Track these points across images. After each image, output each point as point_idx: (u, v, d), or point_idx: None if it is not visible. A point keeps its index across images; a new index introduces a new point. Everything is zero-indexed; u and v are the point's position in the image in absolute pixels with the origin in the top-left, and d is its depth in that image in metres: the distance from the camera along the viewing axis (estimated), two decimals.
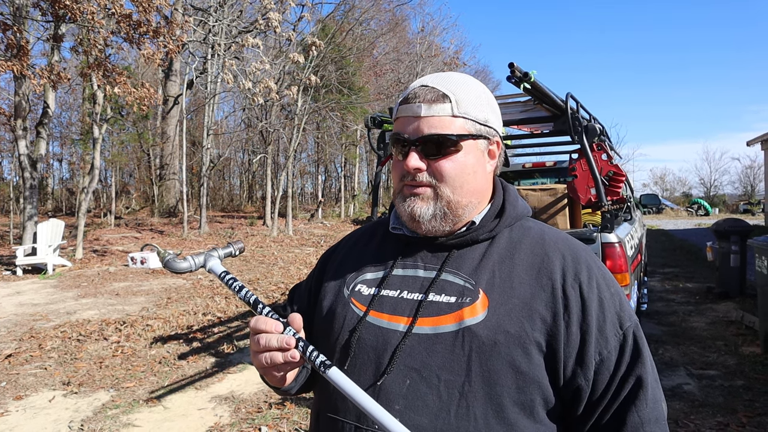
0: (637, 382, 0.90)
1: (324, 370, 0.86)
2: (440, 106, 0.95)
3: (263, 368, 0.93)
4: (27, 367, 5.07)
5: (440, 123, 0.95)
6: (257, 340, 0.90)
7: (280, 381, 0.98)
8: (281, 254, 13.71)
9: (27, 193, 12.39)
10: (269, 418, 3.82)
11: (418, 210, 0.97)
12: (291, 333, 0.90)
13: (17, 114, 12.29)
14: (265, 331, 0.90)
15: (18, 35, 10.18)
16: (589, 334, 0.91)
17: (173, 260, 1.04)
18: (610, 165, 3.91)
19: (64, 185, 31.12)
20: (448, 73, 1.02)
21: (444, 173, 0.96)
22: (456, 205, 0.98)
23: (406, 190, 0.99)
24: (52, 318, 7.05)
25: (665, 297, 7.60)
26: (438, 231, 1.00)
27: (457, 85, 0.98)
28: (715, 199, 48.89)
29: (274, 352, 0.89)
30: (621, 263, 3.60)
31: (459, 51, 32.98)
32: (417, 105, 0.96)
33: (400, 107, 0.99)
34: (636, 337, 0.93)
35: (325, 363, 0.86)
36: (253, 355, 0.94)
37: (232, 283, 0.99)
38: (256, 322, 0.91)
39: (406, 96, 0.99)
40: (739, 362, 4.70)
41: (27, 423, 3.87)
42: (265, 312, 0.94)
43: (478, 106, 0.98)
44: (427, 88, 0.97)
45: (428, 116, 0.95)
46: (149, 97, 11.58)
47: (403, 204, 0.99)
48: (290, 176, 21.27)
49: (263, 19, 14.21)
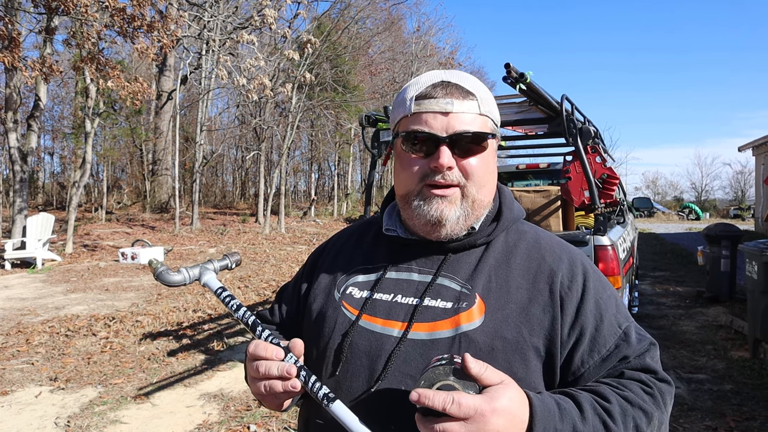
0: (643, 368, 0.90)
1: (327, 404, 0.82)
2: (470, 103, 0.93)
3: (260, 395, 0.90)
4: (13, 362, 5.01)
5: (471, 120, 0.93)
6: (256, 367, 0.87)
7: (277, 407, 0.94)
8: (273, 252, 13.66)
9: (17, 187, 12.27)
10: (258, 416, 3.79)
11: (446, 213, 0.93)
12: (292, 360, 0.86)
13: (8, 106, 12.18)
14: (265, 357, 0.87)
15: (10, 27, 10.07)
16: (586, 336, 0.90)
17: (166, 272, 1.00)
18: (603, 168, 3.91)
19: (55, 179, 30.83)
20: (454, 70, 0.99)
21: (473, 171, 0.93)
22: (479, 205, 0.96)
23: (430, 192, 0.93)
24: (41, 313, 6.99)
25: (655, 300, 7.63)
26: (456, 234, 0.96)
27: (476, 84, 0.96)
28: (706, 203, 49.31)
29: (273, 381, 0.86)
30: (613, 266, 3.60)
31: (454, 51, 33.08)
32: (446, 101, 0.92)
33: (419, 102, 0.93)
34: (637, 330, 0.94)
35: (328, 396, 0.82)
36: (251, 381, 0.90)
37: (229, 301, 0.95)
38: (256, 348, 0.88)
39: (424, 92, 0.94)
40: (728, 366, 4.72)
41: (12, 419, 3.82)
42: (265, 335, 0.90)
43: (493, 105, 0.98)
44: (452, 84, 0.94)
45: (460, 112, 0.92)
46: (142, 91, 11.48)
47: (427, 207, 0.94)
48: (283, 174, 21.23)
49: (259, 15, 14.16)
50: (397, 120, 0.98)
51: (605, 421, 0.80)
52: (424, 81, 0.95)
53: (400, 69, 28.05)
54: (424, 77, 0.97)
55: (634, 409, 0.83)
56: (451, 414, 0.71)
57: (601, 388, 0.85)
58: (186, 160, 26.05)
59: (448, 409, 0.71)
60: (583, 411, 0.81)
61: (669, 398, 0.89)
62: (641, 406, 0.83)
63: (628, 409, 0.82)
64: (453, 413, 0.71)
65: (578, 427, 0.79)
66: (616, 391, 0.85)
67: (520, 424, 0.75)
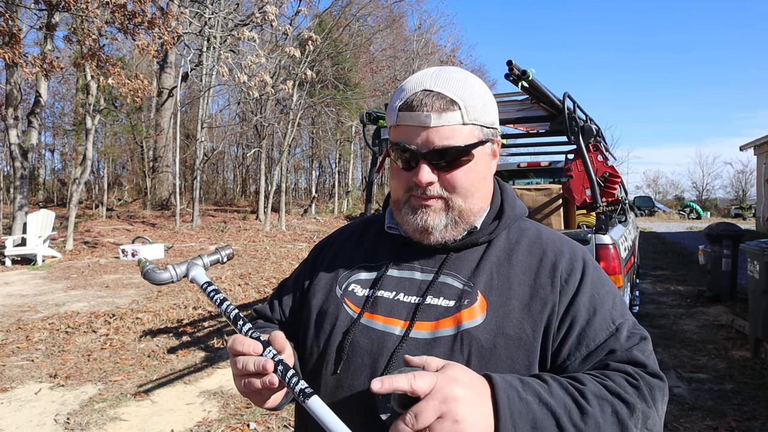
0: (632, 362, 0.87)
1: (303, 400, 0.78)
2: (450, 114, 0.88)
3: (244, 392, 0.88)
4: (13, 359, 5.01)
5: (452, 133, 0.89)
6: (235, 363, 0.85)
7: (264, 403, 0.92)
8: (273, 249, 13.66)
9: (17, 183, 12.27)
10: (258, 414, 3.79)
11: (431, 222, 0.93)
12: (271, 354, 0.83)
13: (8, 103, 12.17)
14: (242, 353, 0.84)
15: (10, 23, 10.06)
16: (576, 329, 0.88)
17: (153, 271, 0.98)
18: (605, 166, 3.90)
19: (56, 176, 30.82)
20: (446, 69, 0.95)
21: (457, 185, 0.92)
22: (468, 213, 0.95)
23: (415, 202, 0.94)
24: (41, 309, 6.99)
25: (656, 300, 7.62)
26: (448, 239, 0.96)
27: (462, 89, 0.91)
28: (707, 202, 49.21)
29: (251, 377, 0.83)
30: (615, 265, 3.59)
31: (456, 49, 33.02)
32: (425, 114, 0.88)
33: (402, 114, 0.91)
34: (630, 328, 0.91)
35: (304, 392, 0.79)
36: (234, 378, 0.88)
37: (213, 295, 0.94)
38: (233, 342, 0.85)
39: (407, 101, 0.91)
40: (728, 366, 4.71)
41: (12, 416, 3.82)
42: (245, 330, 0.88)
43: (484, 109, 0.93)
44: (433, 93, 0.89)
45: (438, 126, 0.88)
46: (143, 88, 11.48)
47: (413, 216, 0.94)
48: (284, 171, 21.22)
49: (260, 12, 14.14)
50: (389, 126, 0.97)
51: (576, 398, 0.78)
52: (410, 87, 0.92)
53: (402, 67, 28.00)
54: (412, 81, 0.94)
55: (613, 396, 0.79)
56: (416, 389, 0.70)
57: (579, 375, 0.83)
58: (187, 157, 26.02)
59: (414, 383, 0.70)
60: (549, 384, 0.79)
61: (659, 393, 0.84)
62: (621, 396, 0.79)
63: (606, 395, 0.79)
64: (417, 387, 0.70)
65: (544, 397, 0.77)
66: (595, 378, 0.82)
67: (482, 389, 0.75)
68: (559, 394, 0.78)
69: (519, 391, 0.76)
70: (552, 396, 0.77)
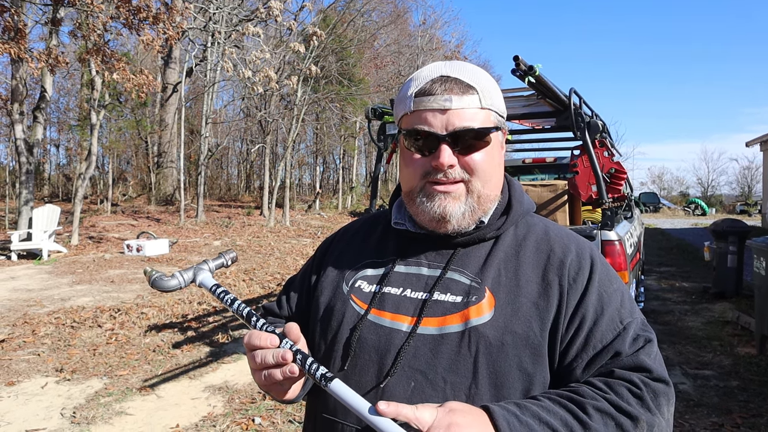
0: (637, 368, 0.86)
1: (325, 384, 0.80)
2: (470, 98, 0.91)
3: (264, 386, 0.89)
4: (20, 353, 5.04)
5: (472, 115, 0.90)
6: (253, 357, 0.86)
7: (285, 395, 0.93)
8: (278, 245, 13.67)
9: (23, 178, 12.32)
10: (263, 409, 3.80)
11: (450, 209, 0.92)
12: (288, 345, 0.85)
13: (14, 98, 12.20)
14: (260, 347, 0.85)
15: (16, 18, 10.06)
16: (584, 329, 0.88)
17: (161, 279, 0.99)
18: (611, 162, 3.88)
19: (61, 171, 30.96)
20: (456, 62, 0.97)
21: (477, 167, 0.92)
22: (485, 199, 0.95)
23: (432, 188, 0.93)
24: (47, 304, 7.02)
25: (661, 296, 7.60)
26: (463, 228, 0.95)
27: (477, 76, 0.93)
28: (713, 199, 49.00)
29: (272, 369, 0.85)
30: (620, 261, 3.58)
31: (460, 45, 32.86)
32: (445, 97, 0.90)
33: (419, 99, 0.92)
34: (638, 328, 0.90)
35: (326, 376, 0.81)
36: (252, 373, 0.89)
37: (223, 296, 0.95)
38: (250, 338, 0.87)
39: (423, 88, 0.92)
40: (734, 363, 4.69)
41: (18, 409, 3.84)
42: (260, 325, 0.89)
43: (498, 96, 0.95)
44: (451, 79, 0.91)
45: (459, 108, 0.90)
46: (148, 84, 11.48)
47: (429, 204, 0.93)
48: (288, 167, 21.21)
49: (264, 7, 14.11)
50: (400, 116, 0.97)
51: (577, 414, 0.79)
52: (425, 76, 0.94)
53: (406, 62, 27.91)
54: (425, 71, 0.95)
55: (615, 410, 0.80)
56: (419, 418, 0.75)
57: (580, 388, 0.84)
58: (191, 153, 26.05)
59: (417, 413, 0.75)
60: (545, 403, 0.81)
61: (664, 399, 0.84)
62: (624, 409, 0.80)
63: (608, 409, 0.79)
64: (420, 417, 0.75)
65: (543, 417, 0.78)
66: (597, 391, 0.82)
67: (481, 418, 0.77)
68: (559, 412, 0.79)
69: (518, 415, 0.78)
70: (551, 414, 0.78)
